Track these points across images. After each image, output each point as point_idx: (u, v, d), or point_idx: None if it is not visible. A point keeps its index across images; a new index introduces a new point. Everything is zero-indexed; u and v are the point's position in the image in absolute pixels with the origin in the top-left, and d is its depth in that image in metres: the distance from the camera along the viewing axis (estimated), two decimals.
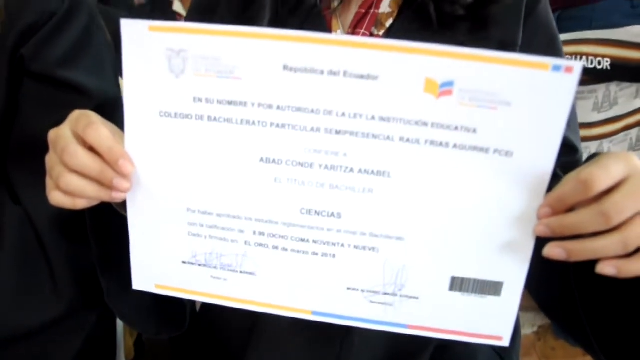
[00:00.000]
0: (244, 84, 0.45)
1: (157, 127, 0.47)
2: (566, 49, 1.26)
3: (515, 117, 0.42)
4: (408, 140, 0.44)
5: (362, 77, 0.43)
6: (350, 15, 0.69)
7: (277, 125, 0.45)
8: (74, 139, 0.49)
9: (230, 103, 0.45)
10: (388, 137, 0.44)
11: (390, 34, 0.66)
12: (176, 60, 0.46)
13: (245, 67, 0.44)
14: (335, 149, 0.45)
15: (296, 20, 0.67)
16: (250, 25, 0.65)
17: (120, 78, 0.89)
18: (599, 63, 1.23)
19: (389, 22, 0.67)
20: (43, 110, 0.75)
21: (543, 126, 0.42)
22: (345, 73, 0.43)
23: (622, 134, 1.29)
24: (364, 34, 0.67)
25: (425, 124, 0.43)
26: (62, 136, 0.49)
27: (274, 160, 0.46)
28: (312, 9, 0.68)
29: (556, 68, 0.40)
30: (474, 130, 0.43)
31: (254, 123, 0.45)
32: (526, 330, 1.75)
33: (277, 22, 0.67)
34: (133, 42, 0.46)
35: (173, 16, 1.75)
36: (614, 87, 1.25)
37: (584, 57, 1.24)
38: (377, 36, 0.67)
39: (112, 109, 0.78)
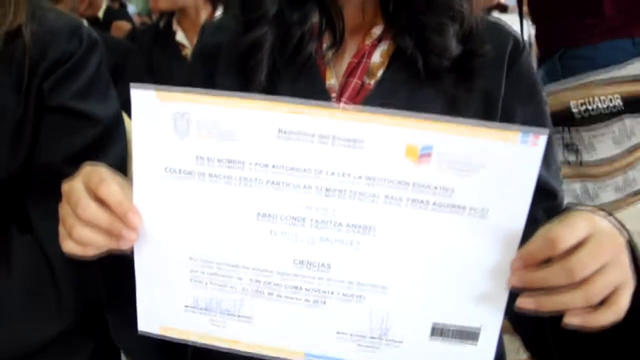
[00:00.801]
0: (242, 146, 0.49)
1: (163, 183, 0.52)
2: (576, 93, 1.30)
3: (488, 180, 0.46)
4: (391, 199, 0.48)
5: (349, 142, 0.47)
6: (343, 65, 0.73)
7: (273, 184, 0.49)
8: (86, 193, 0.53)
9: (229, 163, 0.50)
10: (373, 196, 0.48)
11: (381, 83, 0.71)
12: (181, 123, 0.50)
13: (244, 131, 0.49)
14: (325, 206, 0.49)
15: (292, 70, 0.72)
16: (250, 74, 0.71)
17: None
18: (611, 101, 1.27)
19: (380, 72, 0.71)
20: (58, 139, 0.81)
21: (514, 188, 0.46)
22: (334, 138, 0.47)
23: None
24: (356, 83, 0.71)
25: (406, 185, 0.47)
26: (75, 189, 0.53)
27: (269, 216, 0.50)
28: (308, 60, 0.72)
29: (525, 137, 0.45)
30: (451, 191, 0.47)
31: (251, 181, 0.50)
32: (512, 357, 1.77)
33: (275, 71, 0.72)
34: (141, 106, 0.50)
35: (176, 46, 1.81)
36: (628, 119, 1.28)
37: (596, 99, 1.28)
38: (368, 86, 0.71)
39: (115, 129, 0.87)
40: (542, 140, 0.45)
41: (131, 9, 8.99)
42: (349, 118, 0.46)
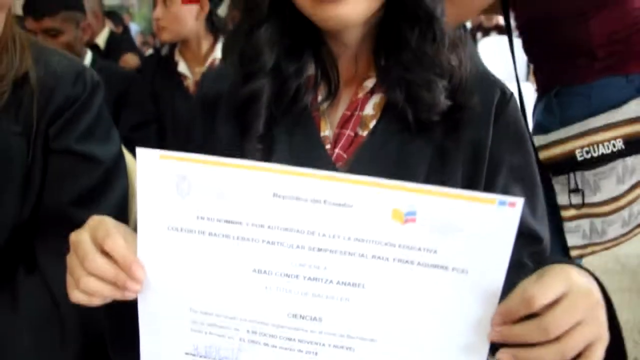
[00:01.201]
0: (239, 206, 0.53)
1: (165, 239, 0.55)
2: (579, 142, 1.33)
3: (468, 241, 0.49)
4: (379, 258, 0.51)
5: (339, 205, 0.50)
6: (337, 116, 0.76)
7: (268, 242, 0.53)
8: (93, 245, 0.56)
9: (227, 222, 0.53)
10: (362, 255, 0.51)
11: (373, 134, 0.74)
12: (182, 184, 0.54)
13: (241, 193, 0.52)
14: (317, 263, 0.52)
15: (289, 119, 0.76)
16: (248, 123, 0.74)
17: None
18: (614, 145, 1.30)
19: (372, 123, 0.75)
20: (63, 181, 0.86)
21: (492, 249, 0.50)
22: (325, 201, 0.51)
23: None
24: (349, 135, 0.75)
25: (393, 245, 0.51)
26: (82, 242, 0.57)
27: (265, 271, 0.54)
28: (304, 111, 0.76)
29: (501, 203, 0.48)
30: (435, 251, 0.50)
31: (248, 239, 0.53)
32: None
33: (272, 120, 0.75)
34: (146, 167, 0.54)
35: (178, 77, 1.85)
36: (630, 158, 1.32)
37: (600, 145, 1.31)
38: (360, 137, 0.74)
39: (117, 167, 0.91)
40: (519, 205, 0.48)
41: (134, 27, 9.12)
42: (340, 183, 0.50)
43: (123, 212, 0.90)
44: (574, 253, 1.41)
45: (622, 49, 1.32)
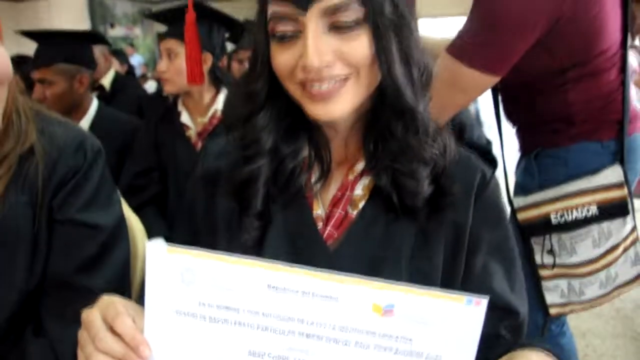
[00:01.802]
0: (237, 295, 0.59)
1: (170, 322, 0.62)
2: (554, 206, 1.40)
3: (441, 332, 0.56)
4: (361, 345, 0.58)
5: (326, 298, 0.57)
6: (329, 196, 0.83)
7: (262, 328, 0.59)
8: (103, 324, 0.62)
9: (227, 308, 0.60)
10: (345, 342, 0.58)
11: (362, 214, 0.80)
12: (187, 274, 0.60)
13: (239, 283, 0.59)
14: (306, 348, 0.59)
15: (284, 198, 0.82)
16: (247, 200, 0.80)
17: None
18: (588, 210, 1.36)
19: (361, 204, 0.81)
20: (68, 250, 0.91)
21: (462, 339, 0.56)
22: (313, 294, 0.57)
23: (622, 257, 1.42)
24: (340, 214, 0.81)
25: (373, 334, 0.57)
26: (93, 320, 0.63)
27: (259, 354, 0.60)
28: (298, 190, 0.82)
29: (469, 301, 0.55)
30: (411, 340, 0.57)
31: (244, 325, 0.60)
32: None
33: (269, 197, 0.82)
34: (154, 258, 0.61)
35: (180, 127, 1.92)
36: (605, 223, 1.38)
37: (574, 210, 1.37)
38: (350, 216, 0.81)
39: (119, 232, 0.97)
40: (484, 303, 0.55)
41: (137, 58, 9.26)
42: (326, 279, 0.57)
43: (125, 275, 0.96)
44: (553, 311, 1.46)
45: (598, 117, 1.38)
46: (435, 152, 0.78)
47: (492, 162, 1.63)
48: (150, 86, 7.58)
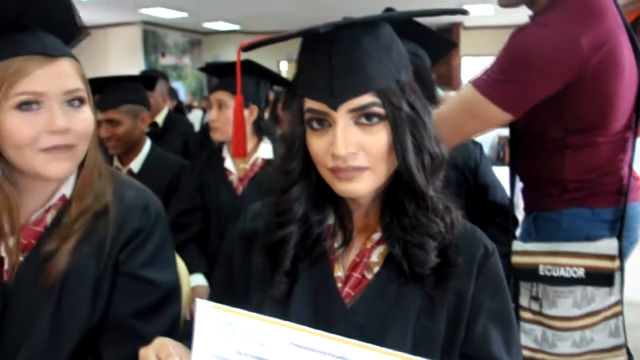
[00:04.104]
0: (267, 349, 0.72)
1: None
2: (545, 259, 1.46)
3: None
4: None
5: (339, 358, 0.69)
6: (348, 261, 0.95)
7: None
8: None
9: (258, 359, 0.73)
10: None
11: (377, 278, 0.92)
12: (227, 327, 0.74)
13: (269, 339, 0.72)
14: None
15: (310, 259, 0.95)
16: (278, 259, 0.93)
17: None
18: (575, 272, 1.42)
19: (376, 269, 0.93)
20: (127, 298, 1.06)
21: None
22: (329, 353, 0.70)
23: (601, 324, 1.46)
24: (357, 277, 0.93)
25: None
26: (149, 357, 0.77)
27: None
28: (322, 254, 0.95)
29: None
30: None
31: None
32: None
33: (297, 258, 0.94)
34: (203, 312, 0.75)
35: (224, 172, 2.08)
36: (590, 287, 1.43)
37: (562, 267, 1.44)
38: (366, 279, 0.93)
39: (173, 293, 1.10)
40: None
41: (184, 90, 9.59)
42: (341, 343, 0.69)
43: (174, 331, 1.08)
44: (525, 353, 1.50)
45: (591, 187, 1.45)
46: (442, 228, 0.90)
47: (514, 222, 1.72)
48: (196, 116, 7.90)
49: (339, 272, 0.94)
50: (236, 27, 11.61)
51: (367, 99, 0.85)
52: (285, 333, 0.71)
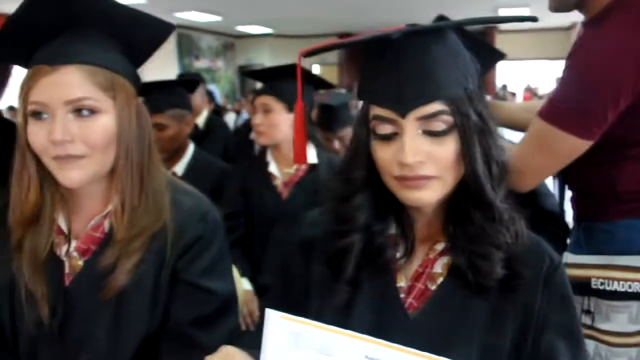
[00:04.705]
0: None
1: None
2: (597, 272, 1.41)
3: None
4: None
5: None
6: (411, 270, 0.94)
7: None
8: None
9: None
10: None
11: (440, 289, 0.91)
12: (295, 338, 0.73)
13: (340, 350, 0.71)
14: None
15: (372, 269, 0.93)
16: (340, 268, 0.92)
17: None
18: (630, 287, 1.36)
19: (439, 280, 0.92)
20: (186, 307, 1.06)
21: None
22: None
23: None
24: (420, 288, 0.92)
25: None
26: None
27: None
28: (384, 264, 0.94)
29: None
30: None
31: None
32: None
33: (359, 267, 0.93)
34: (271, 322, 0.74)
35: (268, 176, 2.09)
36: None
37: (615, 281, 1.38)
38: (429, 290, 0.91)
39: (230, 303, 1.09)
40: None
41: (218, 93, 9.70)
42: (411, 355, 0.68)
43: (233, 340, 1.06)
44: None
45: None
46: (507, 239, 0.88)
47: (565, 230, 1.68)
48: (230, 118, 7.97)
49: (401, 283, 0.93)
50: (269, 30, 11.68)
51: (436, 106, 0.84)
52: (357, 345, 0.70)
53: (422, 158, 0.83)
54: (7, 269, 1.04)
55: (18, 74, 1.10)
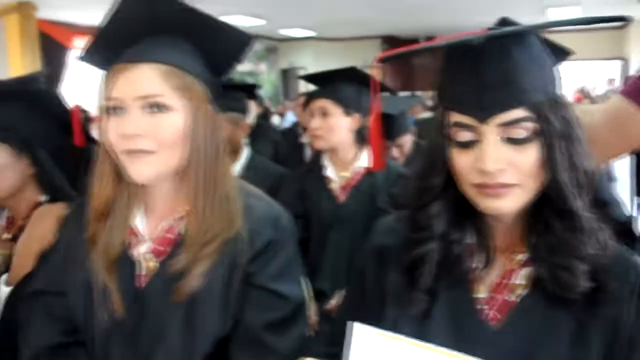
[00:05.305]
0: None
1: None
2: None
3: None
4: None
5: None
6: (490, 280, 0.91)
7: None
8: None
9: None
10: None
11: (522, 302, 0.88)
12: (383, 352, 0.71)
13: None
14: None
15: (450, 278, 0.91)
16: (417, 277, 0.90)
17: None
18: None
19: (521, 292, 0.88)
20: (258, 310, 1.05)
21: None
22: None
23: None
24: (501, 299, 0.89)
25: None
26: None
27: None
28: (463, 274, 0.92)
29: None
30: None
31: None
32: None
33: (436, 276, 0.91)
34: (356, 336, 0.72)
35: (324, 180, 2.08)
36: None
37: None
38: (511, 302, 0.88)
39: (301, 308, 1.09)
40: None
41: (262, 93, 9.79)
42: None
43: (303, 346, 1.07)
44: None
45: None
46: (592, 251, 0.84)
47: (632, 238, 1.62)
48: (274, 121, 8.03)
49: (480, 294, 0.90)
50: (312, 33, 11.70)
51: (518, 113, 0.81)
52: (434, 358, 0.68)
53: (502, 165, 0.81)
54: (83, 266, 1.06)
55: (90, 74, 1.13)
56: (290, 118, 7.62)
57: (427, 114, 5.40)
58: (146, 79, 0.99)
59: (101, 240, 1.05)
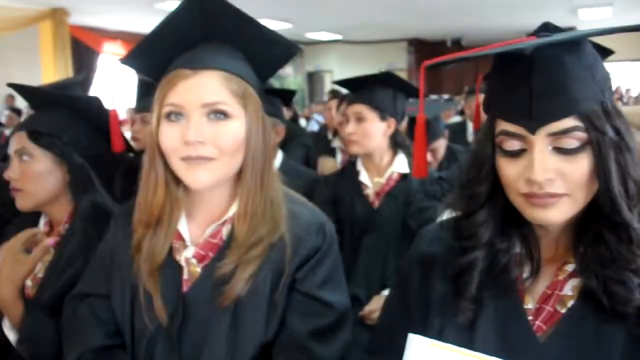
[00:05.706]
0: None
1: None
2: None
3: None
4: None
5: None
6: (538, 291, 0.89)
7: None
8: None
9: None
10: None
11: (571, 313, 0.85)
12: None
13: None
14: None
15: (497, 288, 0.89)
16: (462, 285, 0.88)
17: None
18: None
19: (570, 303, 0.86)
20: (303, 317, 1.05)
21: None
22: None
23: None
24: (549, 311, 0.87)
25: None
26: None
27: None
28: (510, 284, 0.90)
29: None
30: None
31: None
32: None
33: (482, 285, 0.89)
34: (415, 349, 0.71)
35: (358, 185, 2.07)
36: None
37: None
38: (559, 313, 0.86)
39: (346, 317, 1.08)
40: None
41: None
42: None
43: (346, 355, 1.07)
44: None
45: None
46: None
47: None
48: (300, 124, 8.03)
49: (528, 304, 0.89)
50: (338, 36, 11.71)
51: (569, 122, 0.80)
52: None
53: (551, 175, 0.80)
54: (129, 271, 1.07)
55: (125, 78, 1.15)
56: (318, 118, 7.61)
57: (457, 118, 5.37)
58: (211, 86, 0.99)
59: (146, 246, 1.06)
